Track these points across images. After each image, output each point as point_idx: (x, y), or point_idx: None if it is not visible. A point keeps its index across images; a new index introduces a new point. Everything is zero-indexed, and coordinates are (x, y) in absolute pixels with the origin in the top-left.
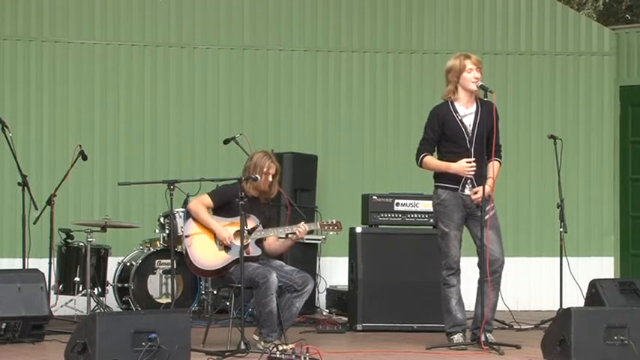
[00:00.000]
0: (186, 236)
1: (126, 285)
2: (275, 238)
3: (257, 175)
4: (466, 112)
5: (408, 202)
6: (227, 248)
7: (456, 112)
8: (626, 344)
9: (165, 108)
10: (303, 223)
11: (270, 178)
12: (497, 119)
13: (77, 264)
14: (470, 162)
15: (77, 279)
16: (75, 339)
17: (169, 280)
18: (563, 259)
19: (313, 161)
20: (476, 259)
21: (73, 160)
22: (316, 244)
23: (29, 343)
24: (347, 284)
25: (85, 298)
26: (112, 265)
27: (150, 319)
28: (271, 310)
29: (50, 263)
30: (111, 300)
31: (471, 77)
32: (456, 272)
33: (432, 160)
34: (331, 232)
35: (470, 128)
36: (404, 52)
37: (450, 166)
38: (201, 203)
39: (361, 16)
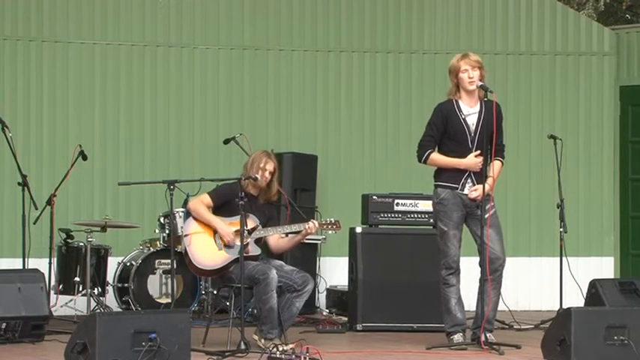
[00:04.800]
0: (186, 235)
1: (126, 285)
2: (279, 235)
3: (257, 175)
4: (470, 112)
5: (408, 202)
6: (227, 247)
7: (460, 110)
8: (626, 344)
9: (165, 108)
10: (312, 220)
11: (268, 175)
12: (499, 118)
13: (77, 264)
14: (477, 156)
15: (77, 279)
16: (75, 339)
17: (169, 280)
18: (563, 259)
19: (313, 161)
20: (476, 259)
21: (73, 160)
22: (316, 244)
23: (29, 343)
24: (347, 284)
25: (85, 298)
26: (112, 265)
27: (150, 319)
28: (272, 307)
29: (50, 263)
30: (111, 300)
31: (466, 78)
32: (456, 272)
33: (439, 156)
34: (330, 231)
35: (472, 128)
36: (404, 52)
37: (461, 162)
38: (201, 202)
39: (361, 16)
